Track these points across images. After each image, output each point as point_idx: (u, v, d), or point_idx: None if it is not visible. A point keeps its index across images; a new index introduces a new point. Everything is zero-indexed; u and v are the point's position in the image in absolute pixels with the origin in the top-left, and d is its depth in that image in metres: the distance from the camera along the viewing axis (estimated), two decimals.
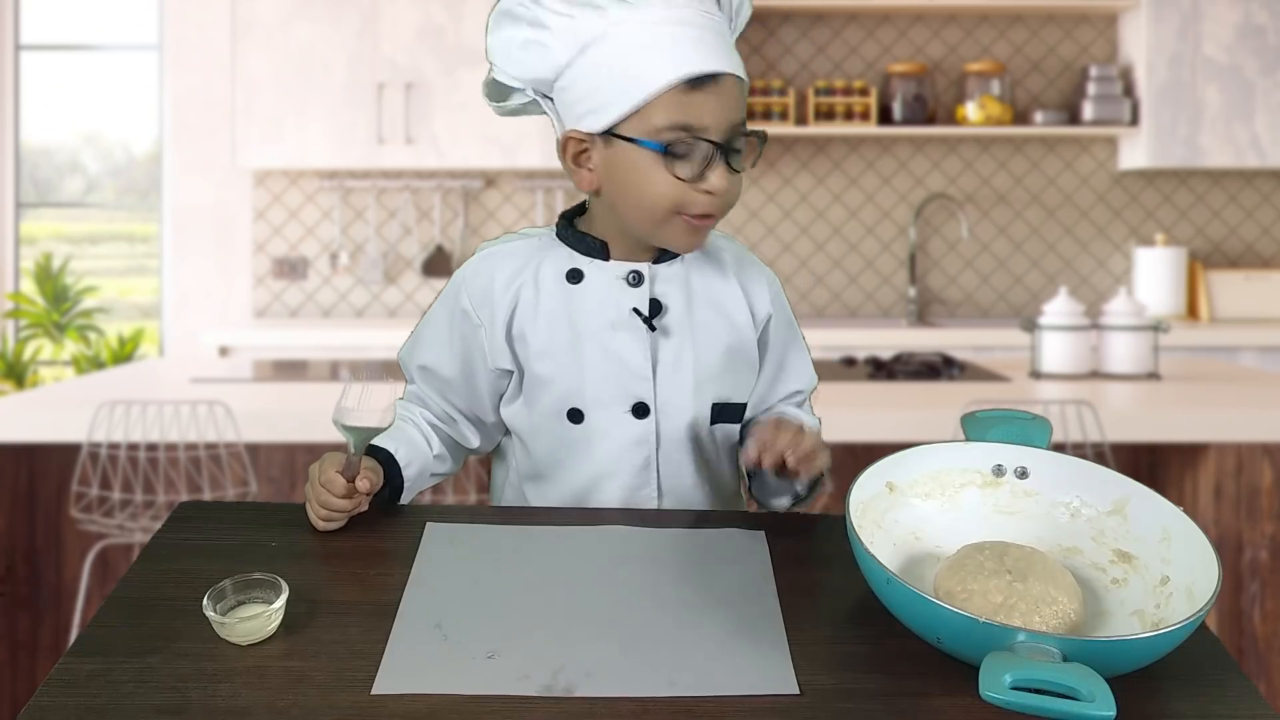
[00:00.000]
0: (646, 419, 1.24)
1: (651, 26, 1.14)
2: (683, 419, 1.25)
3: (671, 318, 1.25)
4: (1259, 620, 2.77)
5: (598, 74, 1.15)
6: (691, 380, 1.25)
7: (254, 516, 1.21)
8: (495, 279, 1.26)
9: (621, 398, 1.24)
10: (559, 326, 1.24)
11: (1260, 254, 4.75)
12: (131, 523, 2.61)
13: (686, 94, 1.13)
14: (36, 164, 5.22)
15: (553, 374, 1.24)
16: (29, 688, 2.79)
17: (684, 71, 1.12)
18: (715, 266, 1.29)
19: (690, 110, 1.13)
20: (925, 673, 0.90)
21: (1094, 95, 4.50)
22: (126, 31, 5.01)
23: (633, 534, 1.14)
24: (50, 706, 0.86)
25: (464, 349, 1.28)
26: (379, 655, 0.92)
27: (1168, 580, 0.98)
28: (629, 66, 1.14)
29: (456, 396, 1.31)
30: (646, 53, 1.13)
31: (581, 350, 1.24)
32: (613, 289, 1.24)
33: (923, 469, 1.10)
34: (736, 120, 1.16)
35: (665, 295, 1.25)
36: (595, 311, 1.24)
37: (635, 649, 0.93)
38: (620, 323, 1.23)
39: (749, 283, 1.30)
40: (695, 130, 1.14)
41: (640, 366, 1.23)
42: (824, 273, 4.71)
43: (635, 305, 1.23)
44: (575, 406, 1.24)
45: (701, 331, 1.26)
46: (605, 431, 1.24)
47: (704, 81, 1.13)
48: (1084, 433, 2.57)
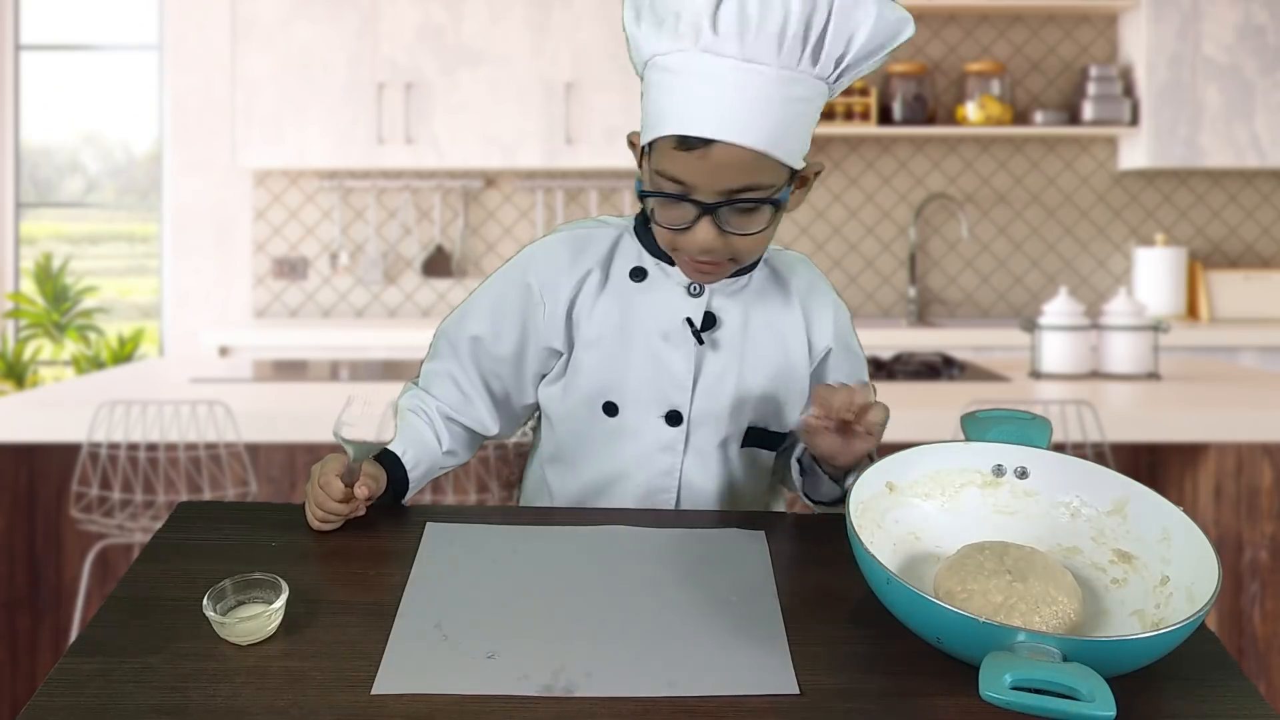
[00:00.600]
0: (678, 427, 1.25)
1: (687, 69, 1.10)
2: (715, 434, 1.26)
3: (724, 333, 1.25)
4: (1259, 620, 2.77)
5: (648, 92, 1.16)
6: (731, 398, 1.25)
7: (254, 516, 1.21)
8: (566, 260, 1.26)
9: (657, 402, 1.24)
10: (613, 319, 1.25)
11: (1260, 254, 4.75)
12: (131, 523, 2.61)
13: (675, 150, 1.11)
14: (36, 164, 5.22)
15: (597, 364, 1.25)
16: (29, 688, 2.79)
17: (673, 129, 1.11)
18: (781, 291, 1.28)
19: (677, 166, 1.12)
20: (925, 673, 0.90)
21: (1094, 95, 4.50)
22: (126, 31, 5.01)
23: (633, 534, 1.14)
24: (50, 706, 0.86)
25: (521, 323, 1.27)
26: (379, 655, 0.92)
27: (1168, 580, 0.98)
28: (657, 101, 1.13)
29: (498, 374, 1.30)
30: (665, 96, 1.12)
31: (629, 347, 1.24)
32: (672, 295, 1.24)
33: (923, 469, 1.10)
34: (732, 186, 1.12)
35: (722, 310, 1.25)
36: (650, 313, 1.24)
37: (635, 649, 0.93)
38: (671, 329, 1.24)
39: (813, 313, 1.29)
40: (684, 185, 1.13)
41: (681, 376, 1.24)
42: (824, 272, 4.70)
43: (689, 315, 1.24)
44: (612, 400, 1.25)
45: (752, 353, 1.26)
46: (635, 431, 1.25)
47: (694, 143, 1.10)
48: (1084, 433, 2.57)
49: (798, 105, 1.11)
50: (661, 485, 1.26)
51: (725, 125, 1.09)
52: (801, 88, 1.10)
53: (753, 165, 1.11)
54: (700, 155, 1.10)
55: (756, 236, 1.15)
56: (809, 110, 1.13)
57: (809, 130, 1.15)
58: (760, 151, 1.10)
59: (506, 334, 1.28)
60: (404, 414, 1.30)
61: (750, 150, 1.09)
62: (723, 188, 1.12)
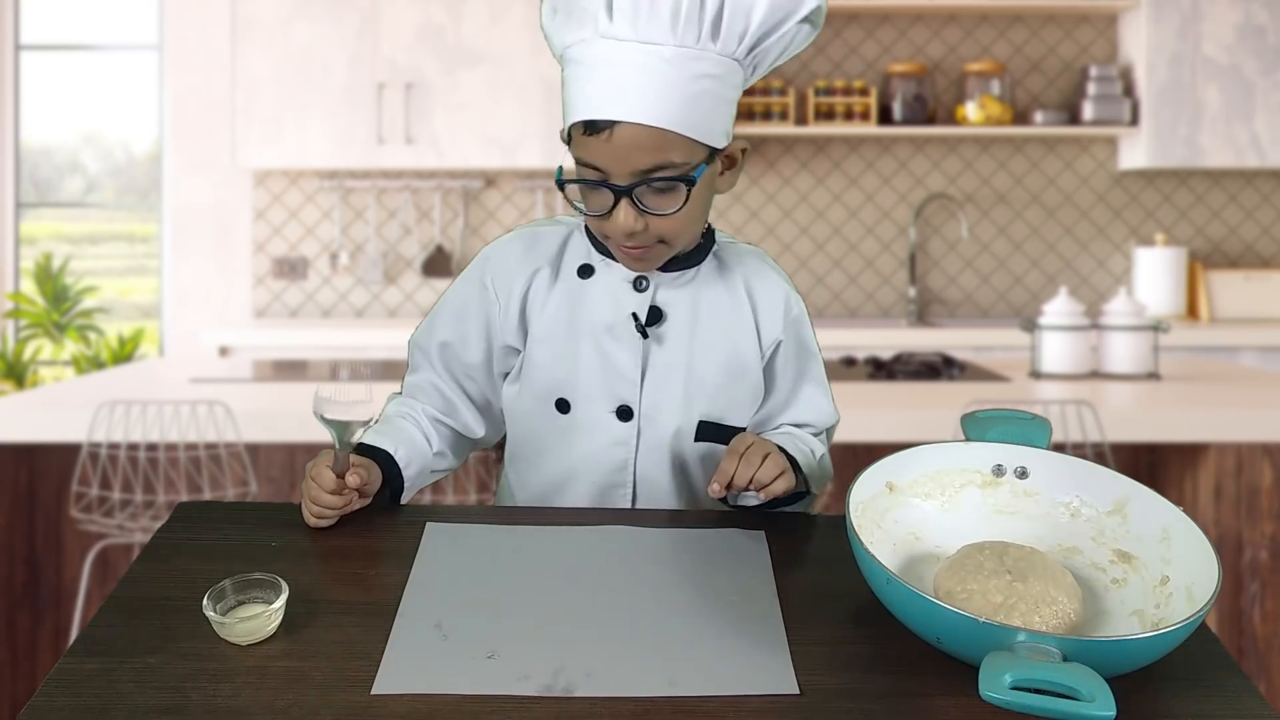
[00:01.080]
0: (629, 422, 1.25)
1: (590, 57, 1.13)
2: (666, 428, 1.26)
3: (670, 327, 1.25)
4: (1259, 620, 2.77)
5: (563, 86, 1.18)
6: (680, 391, 1.25)
7: (254, 516, 1.21)
8: (518, 257, 1.28)
9: (607, 397, 1.25)
10: (562, 316, 1.26)
11: (1260, 254, 4.75)
12: (131, 523, 2.61)
13: (584, 136, 1.14)
14: (36, 164, 5.21)
15: (547, 361, 1.26)
16: (29, 688, 2.79)
17: (579, 115, 1.14)
18: (728, 283, 1.28)
19: (589, 151, 1.14)
20: (925, 673, 0.90)
21: (1094, 95, 4.50)
22: (126, 31, 5.01)
23: (633, 534, 1.14)
24: (50, 706, 0.86)
25: (484, 326, 1.29)
26: (379, 655, 0.92)
27: (1168, 580, 0.98)
28: (567, 92, 1.17)
29: (472, 377, 1.32)
30: (573, 85, 1.15)
31: (578, 344, 1.25)
32: (618, 290, 1.25)
33: (923, 469, 1.10)
34: (642, 166, 1.13)
35: (669, 304, 1.25)
36: (596, 308, 1.25)
37: (635, 649, 0.93)
38: (617, 325, 1.24)
39: (760, 303, 1.29)
40: (600, 171, 1.14)
41: (628, 370, 1.24)
42: (824, 273, 4.71)
43: (635, 310, 1.24)
44: (563, 396, 1.26)
45: (700, 346, 1.26)
46: (588, 427, 1.26)
47: (600, 126, 1.12)
48: (1084, 433, 2.57)
49: (703, 82, 1.12)
50: (616, 481, 1.27)
51: (625, 106, 1.11)
52: (705, 65, 1.12)
53: (660, 144, 1.12)
54: (606, 138, 1.12)
55: (677, 216, 1.16)
56: (719, 88, 1.14)
57: (725, 108, 1.16)
58: (664, 129, 1.11)
59: (473, 339, 1.30)
60: (391, 418, 1.31)
61: (653, 129, 1.11)
62: (633, 168, 1.13)
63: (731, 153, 1.21)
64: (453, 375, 1.32)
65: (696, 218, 1.19)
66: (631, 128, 1.11)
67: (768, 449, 1.17)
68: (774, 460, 1.16)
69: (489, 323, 1.29)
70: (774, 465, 1.16)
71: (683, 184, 1.14)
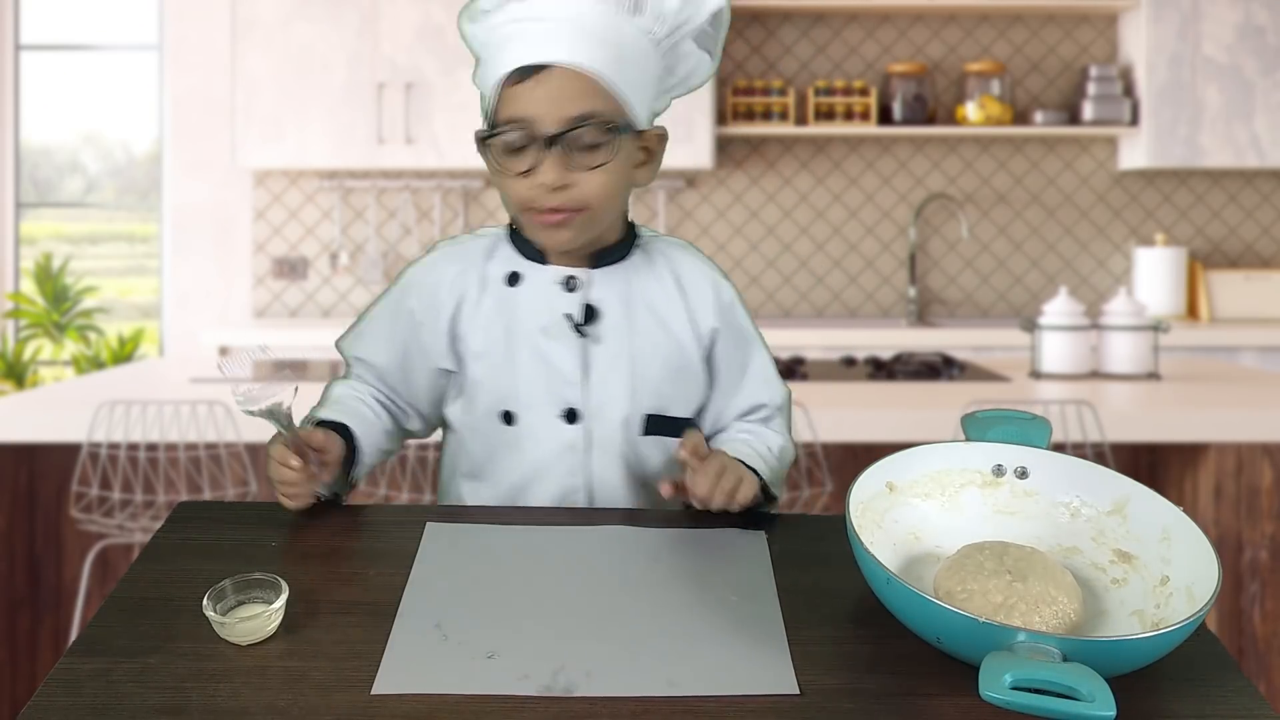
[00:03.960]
0: (577, 424, 1.25)
1: (510, 20, 1.17)
2: (614, 426, 1.25)
3: (606, 325, 1.25)
4: (1259, 620, 2.77)
5: (482, 69, 1.21)
6: (624, 388, 1.25)
7: (254, 516, 1.21)
8: (443, 279, 1.28)
9: (552, 402, 1.24)
10: (496, 328, 1.25)
11: (1260, 254, 4.75)
12: (131, 523, 2.61)
13: (514, 87, 1.15)
14: (36, 164, 5.21)
15: (487, 375, 1.25)
16: (29, 688, 2.79)
17: (507, 67, 1.16)
18: (655, 274, 1.28)
19: (518, 103, 1.15)
20: (925, 673, 0.90)
21: (1094, 95, 4.50)
22: (126, 31, 5.01)
23: (633, 534, 1.14)
24: (50, 706, 0.86)
25: (404, 346, 1.30)
26: (379, 655, 0.92)
27: (1168, 580, 0.98)
28: (490, 63, 1.19)
29: (393, 388, 1.33)
30: (496, 50, 1.18)
31: (515, 353, 1.24)
32: (548, 293, 1.25)
33: (923, 469, 1.10)
34: (574, 113, 1.14)
35: (601, 302, 1.25)
36: (530, 315, 1.24)
37: (635, 649, 0.93)
38: (553, 328, 1.24)
39: (690, 290, 1.28)
40: (524, 122, 1.15)
41: (570, 372, 1.24)
42: (824, 273, 4.71)
43: (568, 310, 1.24)
44: (508, 409, 1.25)
45: (639, 340, 1.25)
46: (536, 434, 1.25)
47: (530, 72, 1.14)
48: (1084, 433, 2.57)
49: (630, 49, 1.17)
50: (570, 485, 1.26)
51: (559, 50, 1.14)
52: (630, 31, 1.17)
53: (590, 90, 1.15)
54: (539, 80, 1.14)
55: (602, 178, 1.17)
56: (641, 60, 1.18)
57: (648, 86, 1.19)
58: (594, 76, 1.14)
59: (390, 357, 1.31)
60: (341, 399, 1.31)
61: (585, 74, 1.14)
62: (563, 114, 1.15)
63: (649, 144, 1.23)
64: (378, 382, 1.34)
65: (617, 190, 1.20)
66: (564, 70, 1.14)
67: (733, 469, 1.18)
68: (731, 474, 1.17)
69: (412, 345, 1.29)
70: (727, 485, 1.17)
71: (612, 139, 1.16)
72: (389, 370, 1.31)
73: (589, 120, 1.15)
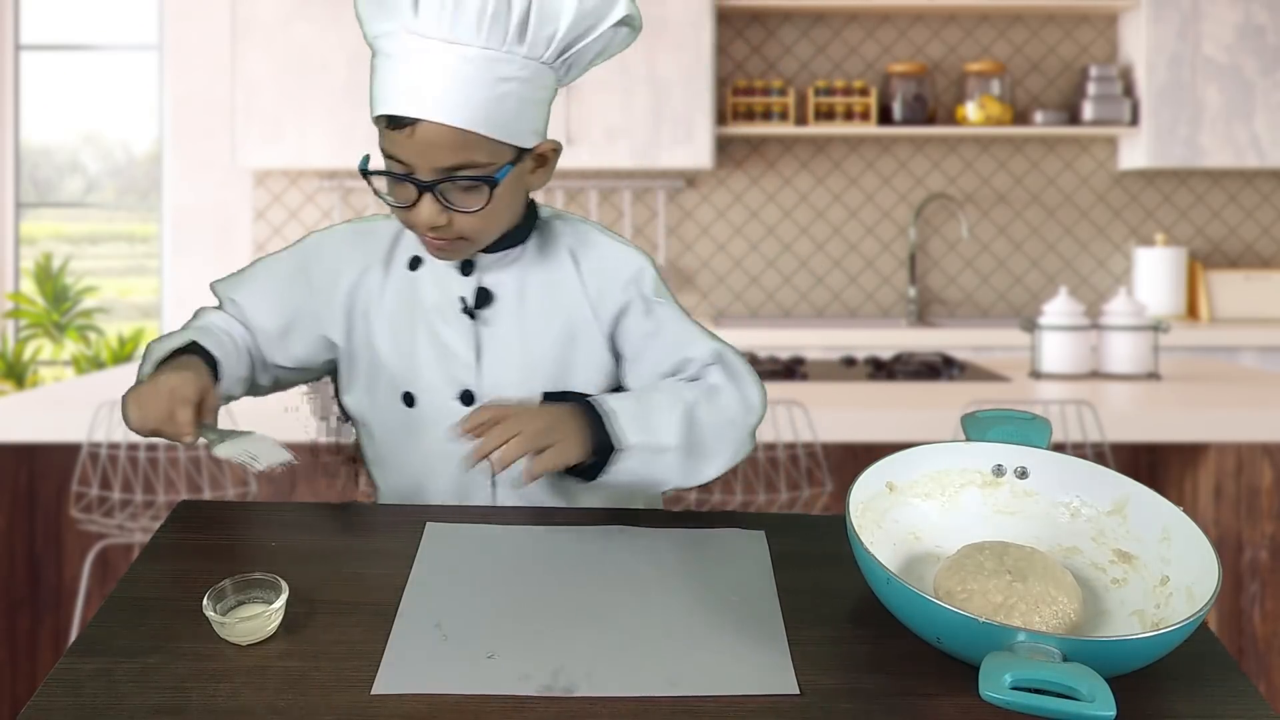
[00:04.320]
0: (473, 407, 1.25)
1: (396, 51, 1.14)
2: None
3: (500, 307, 1.26)
4: (1259, 620, 2.77)
5: (371, 74, 1.18)
6: (518, 370, 1.26)
7: (254, 516, 1.21)
8: (348, 251, 1.30)
9: (448, 384, 1.26)
10: (398, 310, 1.28)
11: (1260, 254, 4.75)
12: (131, 523, 2.61)
13: (388, 130, 1.15)
14: (36, 164, 5.21)
15: (388, 357, 1.27)
16: (29, 688, 2.79)
17: (383, 109, 1.14)
18: (553, 254, 1.28)
19: (394, 146, 1.15)
20: (925, 673, 0.90)
21: (1094, 95, 4.50)
22: (126, 31, 5.01)
23: (632, 534, 1.14)
24: (50, 706, 0.86)
25: (294, 312, 1.31)
26: (379, 655, 0.92)
27: (1168, 580, 0.98)
28: (374, 83, 1.17)
29: (260, 345, 1.33)
30: (379, 77, 1.16)
31: (414, 334, 1.27)
32: (445, 276, 1.27)
33: (923, 469, 1.10)
34: (444, 164, 1.14)
35: (496, 285, 1.26)
36: (428, 299, 1.27)
37: (635, 649, 0.93)
38: (447, 311, 1.26)
39: (589, 271, 1.28)
40: (401, 164, 1.15)
41: (464, 354, 1.26)
42: (824, 273, 4.71)
43: (462, 294, 1.26)
44: (408, 390, 1.27)
45: (533, 320, 1.26)
46: (435, 417, 1.26)
47: (403, 122, 1.13)
48: (1084, 433, 2.57)
49: (509, 84, 1.13)
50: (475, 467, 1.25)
51: (428, 104, 1.12)
52: (511, 67, 1.13)
53: (463, 143, 1.13)
54: (409, 134, 1.13)
55: (481, 215, 1.17)
56: (526, 90, 1.15)
57: (534, 109, 1.17)
58: (466, 130, 1.13)
59: (272, 315, 1.32)
60: (209, 328, 1.31)
61: (455, 129, 1.12)
62: (436, 165, 1.14)
63: (542, 152, 1.22)
64: (249, 332, 1.34)
65: (502, 215, 1.21)
66: (434, 126, 1.12)
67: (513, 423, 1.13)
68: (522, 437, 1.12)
69: (303, 309, 1.30)
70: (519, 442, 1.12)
71: (485, 184, 1.15)
72: (266, 328, 1.32)
73: (462, 172, 1.15)
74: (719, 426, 1.24)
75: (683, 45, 4.33)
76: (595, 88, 4.31)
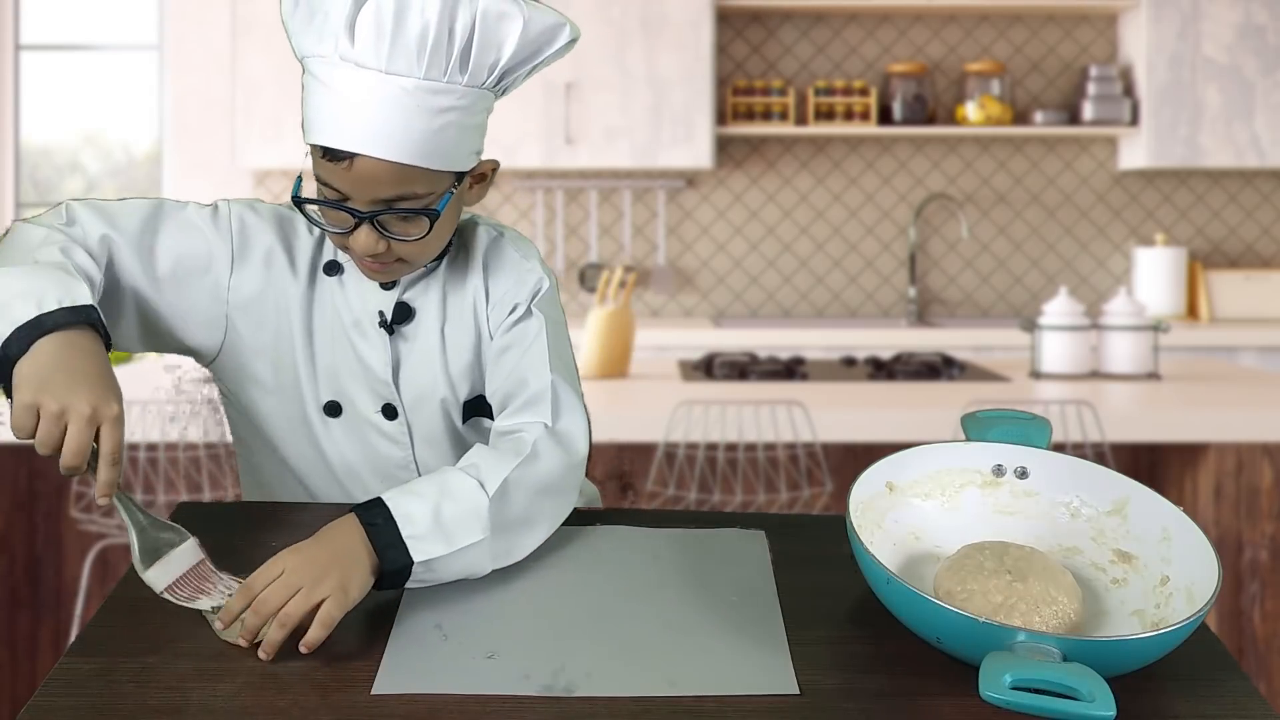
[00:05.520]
0: (396, 420, 1.24)
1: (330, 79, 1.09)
2: (434, 420, 1.25)
3: (419, 322, 1.24)
4: (1259, 620, 2.77)
5: (304, 93, 1.13)
6: (440, 382, 1.24)
7: (254, 517, 1.21)
8: (269, 230, 1.23)
9: (370, 397, 1.24)
10: (319, 317, 1.23)
11: (1260, 254, 4.75)
12: None
13: (324, 160, 1.11)
14: (36, 164, 5.21)
15: (308, 365, 1.23)
16: (29, 688, 2.79)
17: (319, 140, 1.10)
18: (465, 266, 1.26)
19: (329, 176, 1.12)
20: (925, 673, 0.90)
21: (1094, 95, 4.50)
22: (126, 31, 5.01)
23: (633, 534, 1.14)
24: (50, 706, 0.86)
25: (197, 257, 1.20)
26: (379, 655, 0.92)
27: (1168, 580, 0.98)
28: (307, 106, 1.12)
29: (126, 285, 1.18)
30: (313, 102, 1.11)
31: (335, 345, 1.23)
32: (364, 289, 1.23)
33: (923, 469, 1.10)
34: (383, 195, 1.10)
35: (415, 298, 1.24)
36: (346, 310, 1.23)
37: (636, 648, 0.93)
38: (366, 325, 1.23)
39: (494, 282, 1.25)
40: (336, 193, 1.12)
41: (381, 370, 1.23)
42: (824, 273, 4.71)
43: (381, 308, 1.23)
44: (333, 399, 1.24)
45: (451, 333, 1.24)
46: (360, 429, 1.25)
47: (339, 155, 1.09)
48: (1084, 433, 2.57)
49: (449, 115, 1.10)
50: (403, 478, 1.24)
51: (366, 139, 1.08)
52: (451, 98, 1.10)
53: (401, 176, 1.10)
54: (346, 167, 1.10)
55: (420, 241, 1.14)
56: (465, 117, 1.12)
57: (473, 134, 1.14)
58: (406, 164, 1.09)
59: (168, 255, 1.19)
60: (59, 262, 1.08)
61: (394, 164, 1.09)
62: (375, 197, 1.11)
63: (482, 171, 1.20)
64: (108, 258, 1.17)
65: (442, 238, 1.18)
66: (371, 161, 1.08)
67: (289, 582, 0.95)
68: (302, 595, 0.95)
69: (207, 260, 1.20)
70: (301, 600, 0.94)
71: (425, 215, 1.13)
72: (156, 274, 1.18)
73: (401, 202, 1.12)
74: (534, 498, 1.11)
75: (683, 45, 4.33)
76: (595, 88, 4.31)
